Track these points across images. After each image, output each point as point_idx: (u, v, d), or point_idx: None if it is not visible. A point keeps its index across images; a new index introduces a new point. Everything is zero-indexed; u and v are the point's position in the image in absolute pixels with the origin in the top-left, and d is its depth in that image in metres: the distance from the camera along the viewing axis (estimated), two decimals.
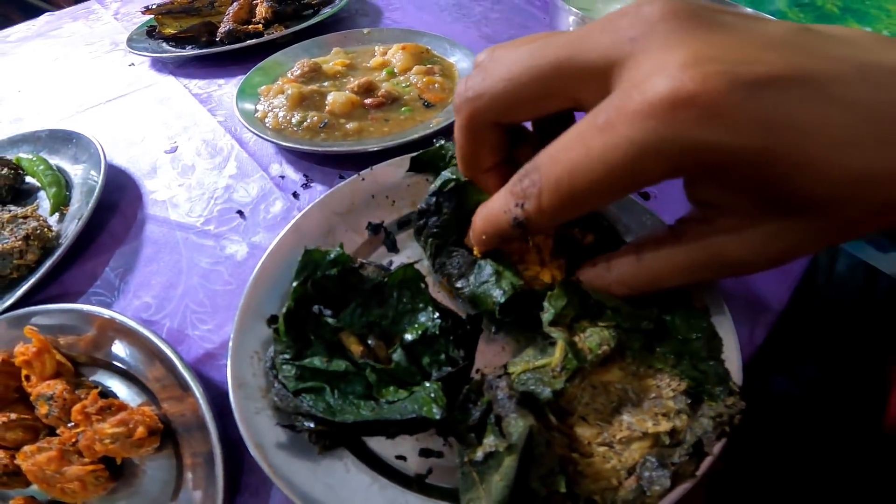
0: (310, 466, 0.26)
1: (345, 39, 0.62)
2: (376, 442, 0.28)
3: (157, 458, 0.33)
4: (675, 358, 0.29)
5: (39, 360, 0.34)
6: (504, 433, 0.22)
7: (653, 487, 0.24)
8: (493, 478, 0.23)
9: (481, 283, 0.28)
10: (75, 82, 0.70)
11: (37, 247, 0.39)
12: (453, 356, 0.26)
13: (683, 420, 0.26)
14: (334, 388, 0.26)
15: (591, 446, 0.26)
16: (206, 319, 0.36)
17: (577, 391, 0.27)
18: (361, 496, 0.26)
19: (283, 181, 0.45)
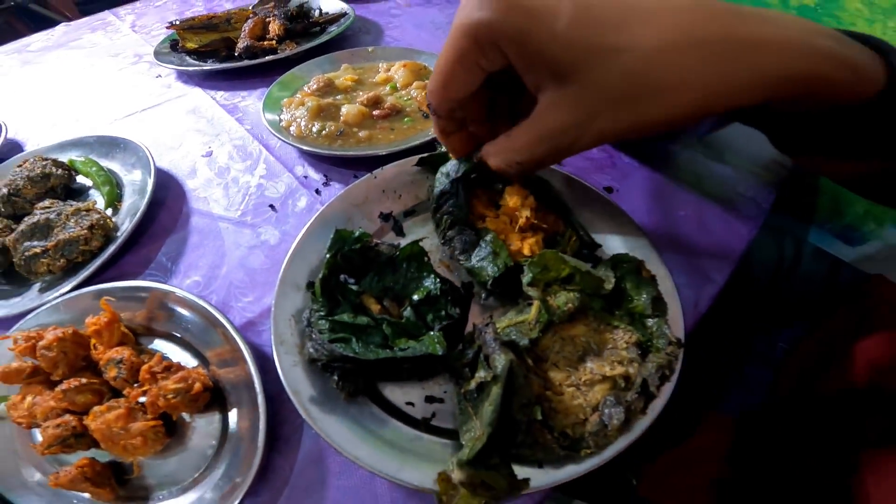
0: (336, 410, 0.33)
1: (352, 57, 0.69)
2: (389, 391, 0.35)
3: (205, 416, 0.37)
4: (628, 318, 0.36)
5: (108, 330, 0.39)
6: (491, 366, 0.29)
7: (612, 421, 0.30)
8: (483, 406, 0.29)
9: (480, 259, 0.35)
10: (107, 92, 0.76)
11: (100, 235, 0.46)
12: (451, 313, 0.34)
13: (635, 367, 0.33)
14: (359, 339, 0.33)
15: (562, 387, 0.32)
16: (246, 293, 0.43)
17: (550, 342, 0.34)
18: (379, 434, 0.32)
19: (307, 180, 0.52)
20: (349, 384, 0.33)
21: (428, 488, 0.29)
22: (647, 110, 0.22)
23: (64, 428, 0.35)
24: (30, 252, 0.45)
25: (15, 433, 0.38)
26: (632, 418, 0.31)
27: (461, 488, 0.28)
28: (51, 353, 0.37)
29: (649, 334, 0.35)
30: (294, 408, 0.36)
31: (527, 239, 0.37)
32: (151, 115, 0.68)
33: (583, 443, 0.30)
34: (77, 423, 0.35)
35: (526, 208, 0.38)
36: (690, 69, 0.20)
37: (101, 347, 0.39)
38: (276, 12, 0.83)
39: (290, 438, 0.35)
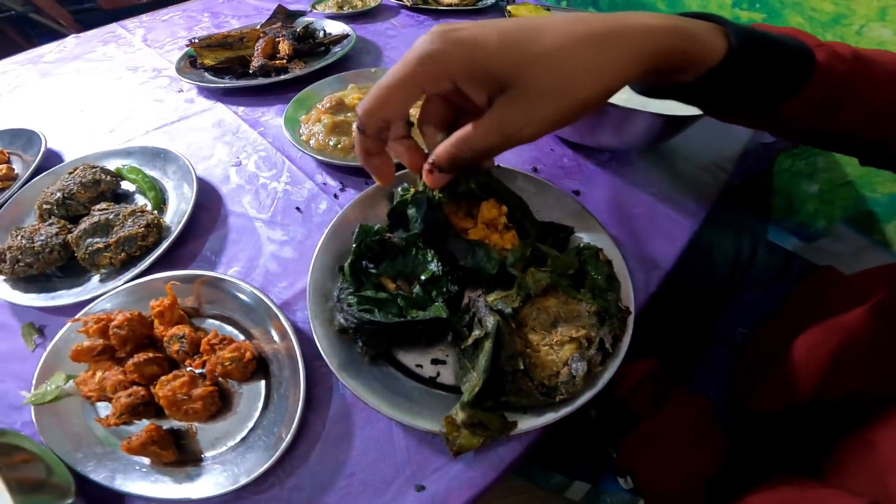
0: (362, 372, 0.39)
1: (357, 77, 0.78)
2: (402, 356, 0.43)
3: (251, 384, 0.42)
4: (590, 293, 0.46)
5: (170, 311, 0.45)
6: (483, 326, 0.39)
7: (578, 373, 0.38)
8: (479, 359, 0.38)
9: (478, 261, 0.44)
10: (134, 105, 0.82)
11: (154, 233, 0.54)
12: (450, 289, 0.43)
13: (595, 331, 0.41)
14: (380, 310, 0.42)
15: (539, 346, 0.41)
16: (281, 279, 0.52)
17: (528, 312, 0.43)
18: (395, 390, 0.39)
19: (326, 186, 0.61)
20: (371, 349, 0.41)
21: (436, 431, 0.36)
22: (569, 95, 0.27)
23: (135, 397, 0.39)
24: (93, 247, 0.53)
25: (79, 409, 0.42)
26: (592, 370, 0.39)
27: (463, 429, 0.36)
28: (122, 331, 0.42)
29: (606, 306, 0.44)
30: (324, 373, 0.43)
31: (505, 235, 0.46)
32: (180, 128, 0.75)
33: (557, 391, 0.37)
34: (145, 391, 0.40)
35: (502, 216, 0.47)
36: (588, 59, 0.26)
37: (161, 327, 0.44)
38: (283, 32, 0.91)
39: (322, 399, 0.42)
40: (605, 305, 0.43)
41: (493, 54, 0.27)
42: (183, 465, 0.39)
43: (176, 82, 0.87)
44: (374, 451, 0.39)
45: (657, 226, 0.58)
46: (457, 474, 0.38)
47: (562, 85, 0.27)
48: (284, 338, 0.44)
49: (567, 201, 0.54)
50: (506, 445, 0.40)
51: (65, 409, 0.42)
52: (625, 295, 0.46)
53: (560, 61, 0.26)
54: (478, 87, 0.28)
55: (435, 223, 0.45)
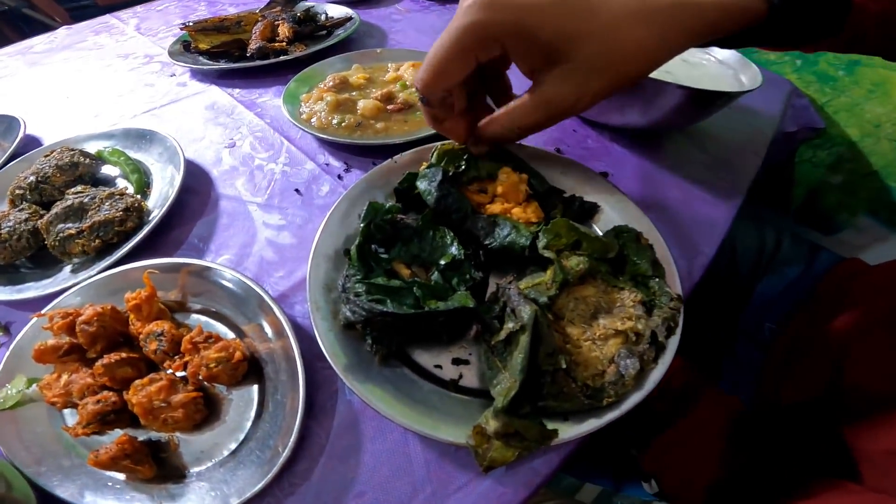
0: (371, 374, 0.34)
1: (362, 57, 0.72)
2: (419, 355, 0.37)
3: (241, 389, 0.37)
4: (632, 280, 0.39)
5: (148, 304, 0.39)
6: (518, 317, 0.32)
7: (629, 371, 0.32)
8: (513, 356, 0.31)
9: (505, 236, 0.38)
10: (123, 90, 0.77)
11: (135, 217, 0.48)
12: (474, 276, 0.37)
13: (643, 322, 0.36)
14: (393, 300, 0.35)
15: (579, 341, 0.35)
16: (277, 268, 0.45)
17: (565, 302, 0.37)
18: (412, 395, 0.34)
19: (329, 167, 0.55)
20: (383, 347, 0.35)
21: (462, 443, 0.31)
22: (621, 70, 0.28)
23: (104, 403, 0.35)
24: (65, 233, 0.47)
25: (44, 415, 0.38)
26: (645, 367, 0.33)
27: (495, 440, 0.30)
28: (90, 328, 0.37)
29: (651, 294, 0.38)
30: (328, 376, 0.38)
31: (528, 208, 0.41)
32: (171, 111, 0.69)
33: (604, 392, 0.32)
34: (117, 398, 0.35)
35: (523, 183, 0.42)
36: (642, 37, 0.27)
37: (138, 323, 0.39)
38: (283, 16, 0.86)
39: (326, 405, 0.36)
40: (651, 294, 0.38)
41: (546, 25, 0.26)
42: (163, 481, 0.34)
43: (168, 67, 0.81)
44: (386, 467, 0.34)
45: (694, 210, 0.52)
46: (485, 492, 0.33)
47: (615, 61, 0.27)
48: (280, 335, 0.38)
49: (597, 181, 0.48)
50: (542, 457, 0.34)
51: (27, 417, 0.38)
52: (670, 281, 0.40)
53: (615, 38, 0.26)
54: (525, 57, 0.28)
55: (450, 195, 0.39)
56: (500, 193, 0.42)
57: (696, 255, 0.48)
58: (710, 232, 0.51)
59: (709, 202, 0.54)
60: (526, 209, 0.41)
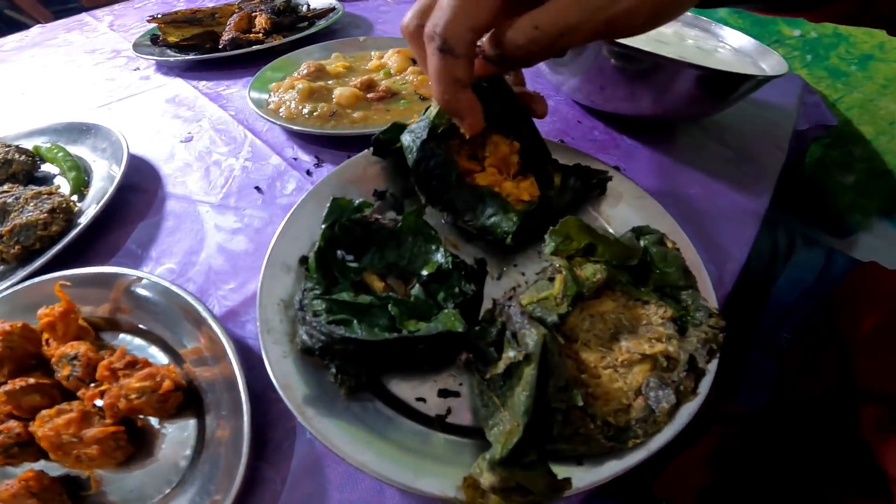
0: (336, 409, 0.27)
1: (343, 46, 0.65)
2: (396, 385, 0.29)
3: (178, 421, 0.31)
4: (657, 292, 0.32)
5: (64, 322, 0.33)
6: (521, 344, 0.24)
7: (661, 405, 0.26)
8: (514, 393, 0.24)
9: (489, 216, 0.30)
10: (81, 85, 0.70)
11: (62, 219, 0.40)
12: (465, 290, 0.29)
13: (675, 344, 0.29)
14: (361, 321, 0.27)
15: (598, 369, 0.28)
16: (228, 279, 0.37)
17: (578, 320, 0.30)
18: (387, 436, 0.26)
19: (297, 162, 0.47)
20: (349, 378, 0.27)
21: (451, 497, 0.24)
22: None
23: (6, 435, 0.29)
24: None
25: None
26: (682, 399, 0.26)
27: (492, 495, 0.23)
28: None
29: (683, 308, 0.31)
30: (284, 409, 0.29)
31: (521, 183, 0.33)
32: (127, 105, 0.61)
33: (630, 432, 0.25)
34: (22, 429, 0.30)
35: (514, 154, 0.34)
36: None
37: (54, 343, 0.33)
38: (262, 7, 0.79)
39: (281, 445, 0.30)
40: (683, 308, 0.31)
41: None
42: None
43: (133, 61, 0.74)
44: None
45: (719, 208, 0.45)
46: None
47: None
48: (220, 359, 0.31)
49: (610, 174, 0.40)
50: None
51: None
52: (703, 290, 0.33)
53: None
54: None
55: (434, 157, 0.32)
56: (490, 164, 0.34)
57: (726, 261, 0.41)
58: (740, 233, 0.44)
59: (734, 199, 0.47)
60: (519, 184, 0.34)
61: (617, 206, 0.40)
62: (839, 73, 0.89)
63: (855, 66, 0.87)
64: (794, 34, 0.91)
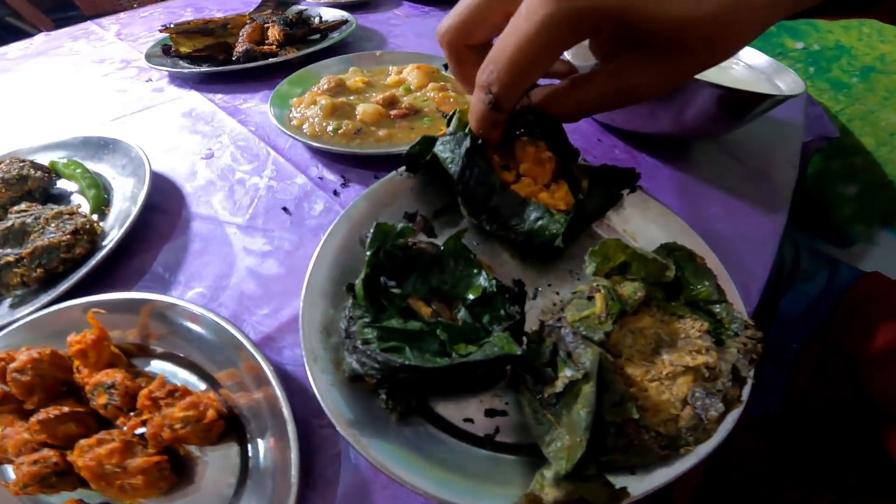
0: (388, 435, 0.27)
1: (360, 60, 0.65)
2: (443, 408, 0.30)
3: (219, 448, 0.31)
4: (689, 306, 0.32)
5: (96, 349, 0.32)
6: (577, 364, 0.25)
7: (709, 413, 0.27)
8: (572, 410, 0.25)
9: (536, 219, 0.31)
10: (93, 96, 0.68)
11: (86, 241, 0.39)
12: (511, 312, 0.29)
13: (714, 355, 0.29)
14: (413, 347, 0.27)
15: (644, 382, 0.29)
16: (261, 305, 0.37)
17: (619, 337, 0.30)
18: (441, 458, 0.27)
19: (323, 181, 0.47)
20: (400, 403, 0.27)
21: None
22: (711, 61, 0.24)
23: (43, 464, 0.29)
24: (1, 261, 0.38)
25: None
26: (731, 408, 0.28)
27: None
28: (24, 377, 0.31)
29: (717, 321, 0.32)
30: (328, 436, 0.30)
31: (556, 193, 0.34)
32: (143, 118, 0.60)
33: (681, 440, 0.27)
34: (59, 458, 0.29)
35: (546, 161, 0.35)
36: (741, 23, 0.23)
37: (85, 370, 0.33)
38: (274, 18, 0.78)
39: (326, 472, 0.30)
40: (718, 321, 0.32)
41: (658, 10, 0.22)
42: None
43: (145, 72, 0.73)
44: None
45: (740, 227, 0.46)
46: None
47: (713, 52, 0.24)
48: (262, 385, 0.31)
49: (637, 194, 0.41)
50: None
51: None
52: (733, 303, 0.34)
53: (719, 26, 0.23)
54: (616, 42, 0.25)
55: (477, 166, 0.33)
56: (524, 172, 0.35)
57: (750, 279, 0.41)
58: (761, 250, 0.44)
59: (753, 217, 0.48)
60: (554, 195, 0.34)
61: (642, 224, 0.41)
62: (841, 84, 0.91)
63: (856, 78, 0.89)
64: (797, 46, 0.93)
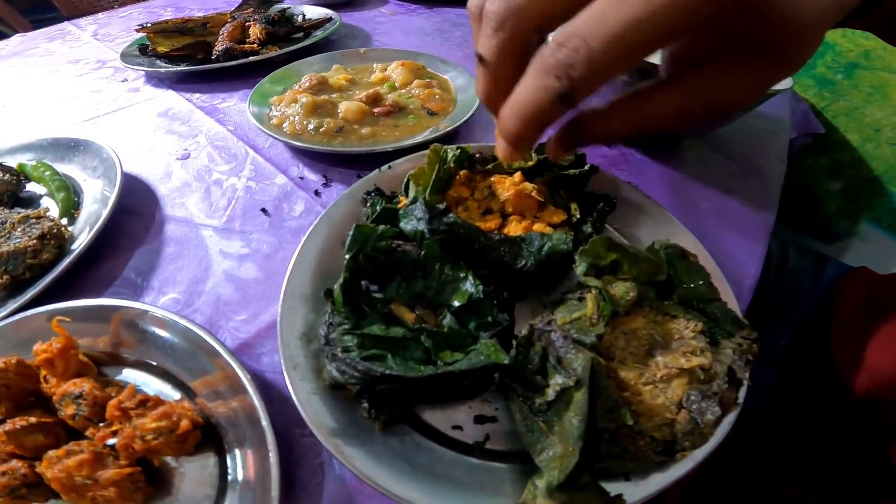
0: (373, 444, 0.26)
1: (343, 58, 0.63)
2: (431, 415, 0.29)
3: (196, 459, 0.30)
4: (683, 306, 0.32)
5: (63, 359, 0.31)
6: (568, 370, 0.24)
7: (705, 417, 0.26)
8: (564, 419, 0.24)
9: (542, 247, 0.30)
10: (65, 97, 0.66)
11: (53, 246, 0.37)
12: (499, 319, 0.28)
13: (709, 356, 0.29)
14: (395, 355, 0.26)
15: (637, 386, 0.28)
16: (238, 310, 0.35)
17: (612, 339, 0.29)
18: (429, 468, 0.26)
19: (304, 181, 0.45)
20: (384, 412, 0.26)
21: None
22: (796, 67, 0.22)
23: (11, 476, 0.28)
24: None
25: None
26: (727, 410, 0.27)
27: None
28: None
29: (712, 321, 0.31)
30: (310, 445, 0.29)
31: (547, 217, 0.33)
32: (116, 118, 0.58)
33: (677, 445, 0.26)
34: (28, 470, 0.28)
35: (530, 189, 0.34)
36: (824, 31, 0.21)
37: (53, 380, 0.32)
38: (256, 17, 0.77)
39: (309, 483, 0.28)
40: (711, 321, 0.31)
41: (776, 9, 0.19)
42: None
43: (121, 72, 0.71)
44: None
45: (732, 222, 0.45)
46: None
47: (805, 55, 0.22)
48: (239, 394, 0.30)
49: (624, 189, 0.41)
50: None
51: None
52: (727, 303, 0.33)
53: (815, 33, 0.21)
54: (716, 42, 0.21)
55: (450, 232, 0.30)
56: (512, 211, 0.34)
57: (742, 276, 0.41)
58: (752, 247, 0.44)
59: (744, 213, 0.47)
60: (546, 219, 0.33)
61: (635, 222, 0.40)
62: (826, 81, 0.91)
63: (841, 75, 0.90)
64: None
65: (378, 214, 0.33)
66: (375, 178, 0.38)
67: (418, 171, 0.34)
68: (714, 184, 0.50)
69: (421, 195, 0.32)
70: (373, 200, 0.34)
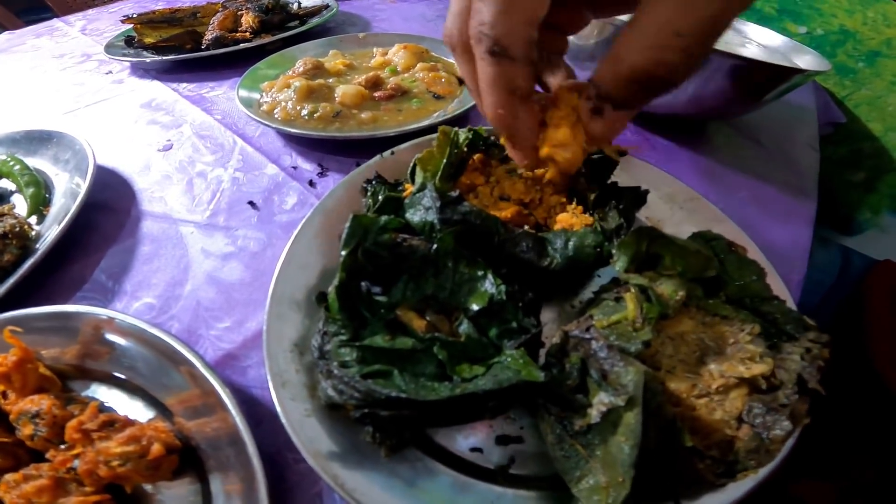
0: (379, 471, 0.22)
1: (341, 43, 0.59)
2: (444, 437, 0.25)
3: (176, 485, 0.26)
4: (733, 304, 0.27)
5: (20, 373, 0.28)
6: (614, 386, 0.19)
7: (772, 432, 0.22)
8: (610, 442, 0.19)
9: (566, 244, 0.25)
10: (45, 90, 0.62)
11: (15, 246, 0.33)
12: (525, 325, 0.23)
13: (770, 363, 0.24)
14: (403, 371, 0.21)
15: (690, 399, 0.23)
16: (221, 317, 0.31)
17: (658, 345, 0.25)
18: (436, 494, 0.22)
19: (297, 171, 0.41)
20: (390, 435, 0.21)
21: None
22: None
23: None
24: None
25: None
26: (798, 423, 0.22)
27: None
28: None
29: (769, 321, 0.26)
30: (305, 472, 0.25)
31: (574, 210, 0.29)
32: (97, 110, 0.54)
33: (738, 465, 0.22)
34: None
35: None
36: None
37: (12, 396, 0.29)
38: (248, 5, 0.72)
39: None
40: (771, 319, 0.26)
41: None
42: None
43: (105, 65, 0.67)
44: None
45: (772, 212, 0.41)
46: None
47: None
48: (220, 413, 0.26)
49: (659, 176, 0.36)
50: None
51: None
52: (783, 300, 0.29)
53: None
54: None
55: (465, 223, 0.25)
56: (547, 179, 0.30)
57: (790, 269, 0.36)
58: (796, 238, 0.40)
59: (783, 201, 0.43)
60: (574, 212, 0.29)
61: (667, 210, 0.35)
62: (847, 70, 0.87)
63: (863, 63, 0.86)
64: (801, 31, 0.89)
65: (380, 204, 0.28)
66: (377, 165, 0.34)
67: (426, 154, 0.29)
68: (747, 170, 0.45)
69: (430, 181, 0.27)
70: (374, 189, 0.30)
